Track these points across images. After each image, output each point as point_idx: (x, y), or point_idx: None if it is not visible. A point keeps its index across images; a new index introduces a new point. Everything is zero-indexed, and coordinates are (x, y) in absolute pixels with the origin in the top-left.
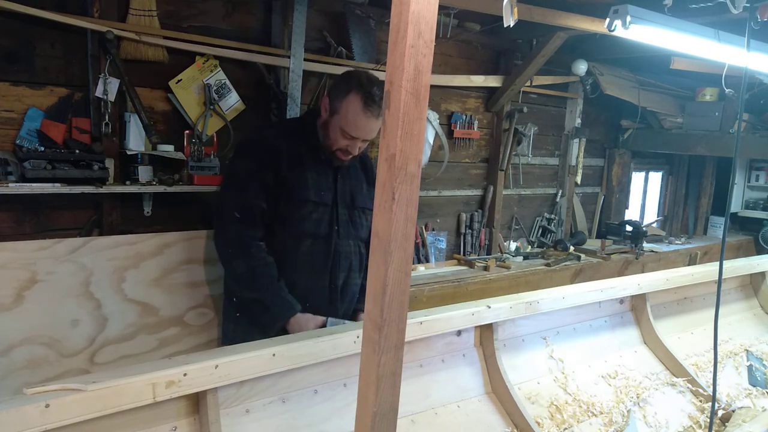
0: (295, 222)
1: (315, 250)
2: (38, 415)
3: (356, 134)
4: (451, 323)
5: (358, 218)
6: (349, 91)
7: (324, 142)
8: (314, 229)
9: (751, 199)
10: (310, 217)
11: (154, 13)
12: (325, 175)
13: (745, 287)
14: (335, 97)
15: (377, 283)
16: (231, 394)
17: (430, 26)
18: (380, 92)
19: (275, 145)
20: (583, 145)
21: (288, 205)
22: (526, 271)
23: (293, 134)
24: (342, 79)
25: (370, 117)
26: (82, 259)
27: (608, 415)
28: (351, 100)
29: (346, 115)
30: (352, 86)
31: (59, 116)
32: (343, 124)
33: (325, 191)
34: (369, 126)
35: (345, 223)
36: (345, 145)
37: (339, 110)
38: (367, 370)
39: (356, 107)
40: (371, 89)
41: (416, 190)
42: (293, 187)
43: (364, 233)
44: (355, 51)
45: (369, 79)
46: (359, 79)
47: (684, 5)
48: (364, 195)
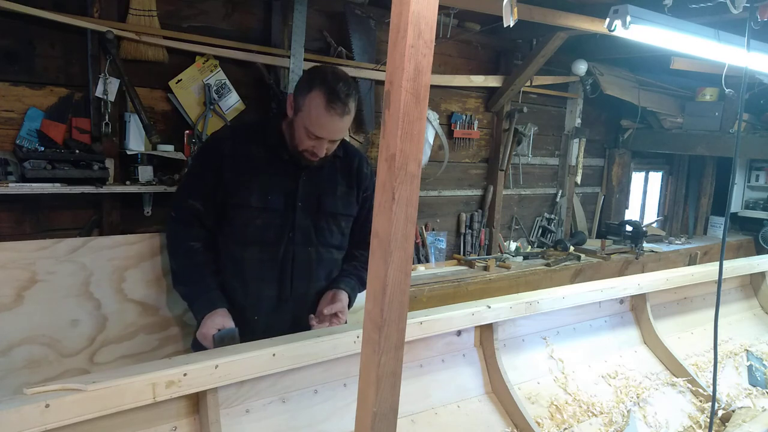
0: (238, 227)
1: (262, 257)
2: (38, 415)
3: (320, 134)
4: (451, 323)
5: (325, 223)
6: (312, 88)
7: (290, 142)
8: (259, 236)
9: (751, 199)
10: (253, 223)
11: (154, 13)
12: (282, 177)
13: (745, 287)
14: (299, 94)
15: (377, 283)
16: (231, 394)
17: (430, 26)
18: (346, 88)
19: (220, 146)
20: (583, 145)
21: (230, 210)
22: (526, 271)
23: (249, 135)
24: (306, 74)
25: (333, 115)
26: (82, 259)
27: (608, 415)
28: (314, 96)
29: (309, 113)
30: (316, 82)
31: (59, 116)
32: (307, 122)
33: (276, 195)
34: (333, 125)
35: (305, 229)
36: (310, 145)
37: (302, 107)
38: (367, 370)
39: (319, 104)
40: (336, 85)
41: (416, 190)
42: (234, 192)
43: (335, 239)
44: (355, 51)
45: (335, 75)
46: (324, 74)
47: (684, 5)
48: (336, 198)
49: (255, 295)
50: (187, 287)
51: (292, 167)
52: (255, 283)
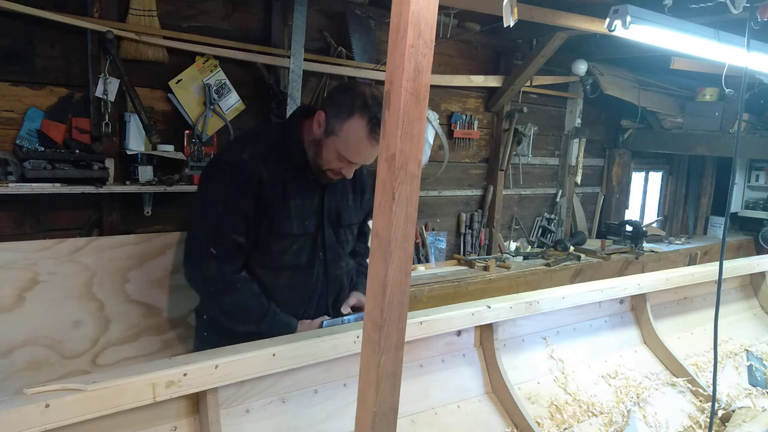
0: (274, 255)
1: (294, 282)
2: (38, 415)
3: (356, 160)
4: (451, 323)
5: (344, 236)
6: (353, 113)
7: (314, 160)
8: (294, 261)
9: (751, 199)
10: (290, 250)
11: (154, 13)
12: (311, 198)
13: (745, 287)
14: (334, 115)
15: (377, 283)
16: (231, 394)
17: (430, 26)
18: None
19: (255, 169)
20: (583, 145)
21: (267, 238)
22: (526, 271)
23: (275, 154)
24: (343, 95)
25: (375, 144)
26: (84, 260)
27: (608, 415)
28: (355, 123)
29: (347, 140)
30: (356, 107)
31: (59, 116)
32: (342, 148)
33: (309, 219)
34: (373, 152)
35: (332, 247)
36: (339, 167)
37: (338, 132)
38: (367, 370)
39: (360, 132)
40: (378, 112)
41: (416, 190)
42: (274, 219)
43: (349, 248)
44: (355, 51)
45: (375, 99)
46: (364, 98)
47: (684, 5)
48: (350, 209)
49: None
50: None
51: (315, 184)
52: (286, 306)
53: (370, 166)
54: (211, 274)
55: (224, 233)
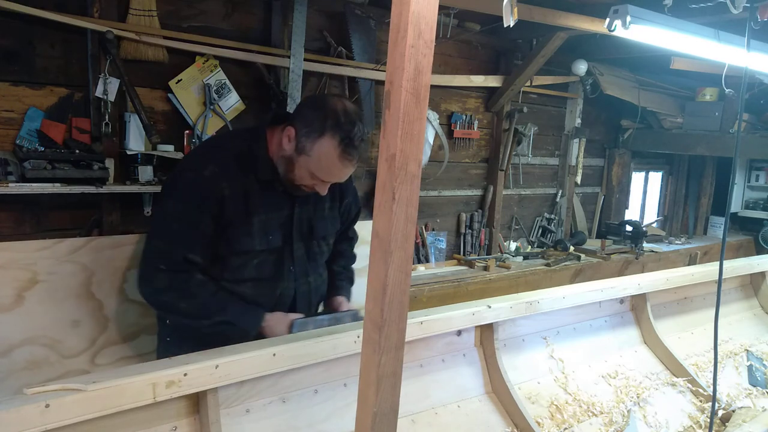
0: (234, 269)
1: (256, 293)
2: (38, 415)
3: (328, 179)
4: (451, 323)
5: (317, 248)
6: (323, 132)
7: (285, 175)
8: (255, 274)
9: (751, 199)
10: (250, 264)
11: (154, 13)
12: (278, 211)
13: (745, 287)
14: (305, 134)
15: (377, 283)
16: (231, 394)
17: (430, 26)
18: (360, 131)
19: (216, 187)
20: (583, 145)
21: (226, 254)
22: (526, 271)
23: (239, 166)
24: (314, 111)
25: (347, 164)
26: (83, 260)
27: (608, 415)
28: (326, 144)
29: (319, 160)
30: (327, 126)
31: (59, 116)
32: (314, 168)
33: (274, 233)
34: (345, 171)
35: (300, 260)
36: (312, 185)
37: (309, 152)
38: (367, 370)
39: (332, 153)
40: (351, 130)
41: (416, 190)
42: (234, 237)
43: (324, 258)
44: (355, 51)
45: (348, 116)
46: (336, 116)
47: (684, 5)
48: (325, 220)
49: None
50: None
51: (285, 197)
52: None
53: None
54: (162, 285)
55: (177, 251)
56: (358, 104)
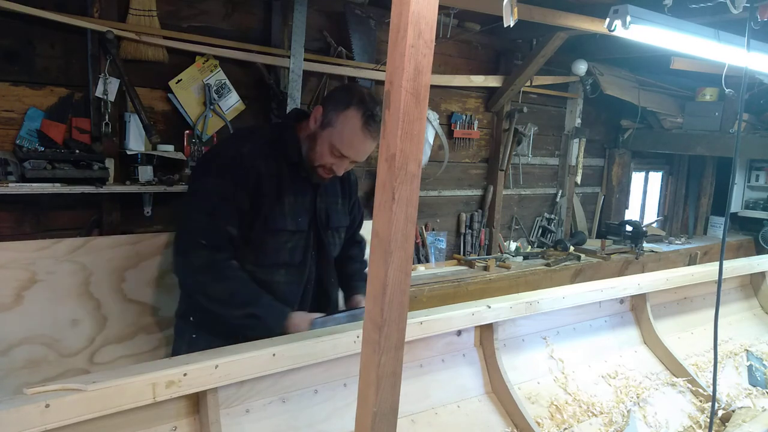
0: (269, 252)
1: (288, 280)
2: (38, 415)
3: (348, 153)
4: (451, 323)
5: (331, 238)
6: (349, 105)
7: (307, 155)
8: (288, 259)
9: (751, 199)
10: (285, 247)
11: (154, 13)
12: (303, 196)
13: (745, 287)
14: (332, 108)
15: (377, 283)
16: (231, 394)
17: (430, 26)
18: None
19: (254, 164)
20: (583, 145)
21: (262, 234)
22: (526, 271)
23: (272, 150)
24: (343, 91)
25: (367, 137)
26: (81, 259)
27: (608, 415)
28: (351, 115)
29: (342, 131)
30: (353, 101)
31: (59, 116)
32: (336, 140)
33: (302, 216)
34: (365, 147)
35: (321, 247)
36: (331, 163)
37: (334, 124)
38: (367, 370)
39: (355, 124)
40: (374, 108)
41: (416, 190)
42: (269, 215)
43: (335, 251)
44: (355, 51)
45: (372, 98)
46: (362, 94)
47: (684, 5)
48: (339, 212)
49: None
50: (253, 308)
51: (308, 184)
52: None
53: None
54: (200, 263)
55: (217, 224)
56: None
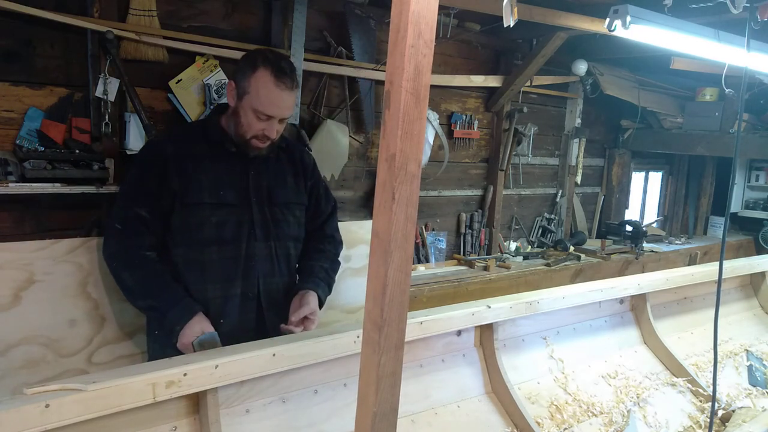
0: (193, 229)
1: (222, 257)
2: (38, 415)
3: (271, 111)
4: (451, 323)
5: (281, 215)
6: (256, 68)
7: (237, 132)
8: (217, 235)
9: (751, 199)
10: (208, 221)
11: (154, 13)
12: (232, 172)
13: (745, 287)
14: (241, 77)
15: (377, 283)
16: (231, 394)
17: (430, 26)
18: (289, 65)
19: (161, 149)
20: (583, 145)
21: (182, 212)
22: (526, 271)
23: (189, 135)
24: (245, 59)
25: (283, 89)
26: (79, 259)
27: (608, 415)
28: (260, 75)
29: (258, 93)
30: (258, 62)
31: (59, 116)
32: (255, 103)
33: (226, 190)
34: (283, 100)
35: (263, 223)
36: (261, 128)
37: (248, 89)
38: (367, 370)
39: (267, 81)
40: (279, 62)
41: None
42: (183, 192)
43: (292, 230)
44: (355, 51)
45: (274, 54)
46: (263, 54)
47: (684, 5)
48: (288, 189)
49: (220, 296)
50: (154, 299)
51: (239, 162)
52: (218, 284)
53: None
54: (115, 249)
55: (129, 208)
56: (358, 104)
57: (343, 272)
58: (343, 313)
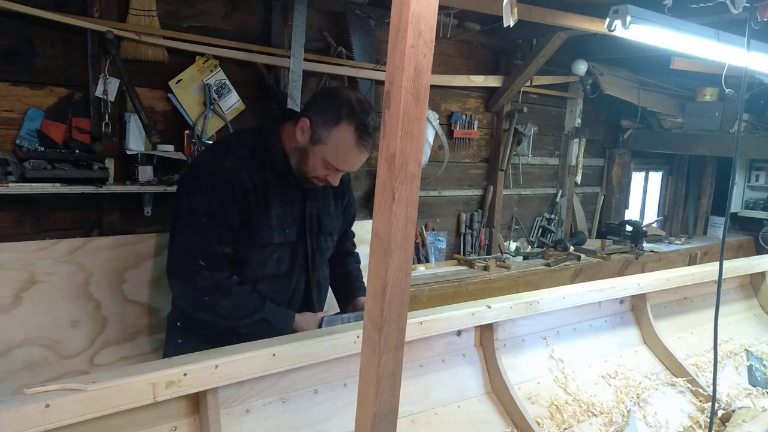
0: (254, 266)
1: (274, 290)
2: (38, 415)
3: (343, 168)
4: (451, 323)
5: (324, 243)
6: (339, 120)
7: (298, 167)
8: (275, 270)
9: (751, 199)
10: (270, 259)
11: (154, 13)
12: (292, 205)
13: (745, 287)
14: (320, 123)
15: (377, 283)
16: (231, 394)
17: (430, 26)
18: (373, 120)
19: (239, 178)
20: (583, 145)
21: (247, 249)
22: (526, 271)
23: (255, 160)
24: (328, 101)
25: (363, 151)
26: (81, 260)
27: (608, 415)
28: (342, 131)
29: (335, 148)
30: (343, 114)
31: (59, 116)
32: (330, 156)
33: (290, 227)
34: (360, 160)
35: (311, 255)
36: (325, 175)
37: (326, 141)
38: (367, 370)
39: (348, 140)
40: (365, 119)
41: (416, 190)
42: (255, 229)
43: (327, 255)
44: (355, 51)
45: (361, 105)
46: (350, 104)
47: (684, 5)
48: (331, 216)
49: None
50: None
51: (297, 191)
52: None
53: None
54: (204, 285)
55: (212, 245)
56: None
57: None
58: None
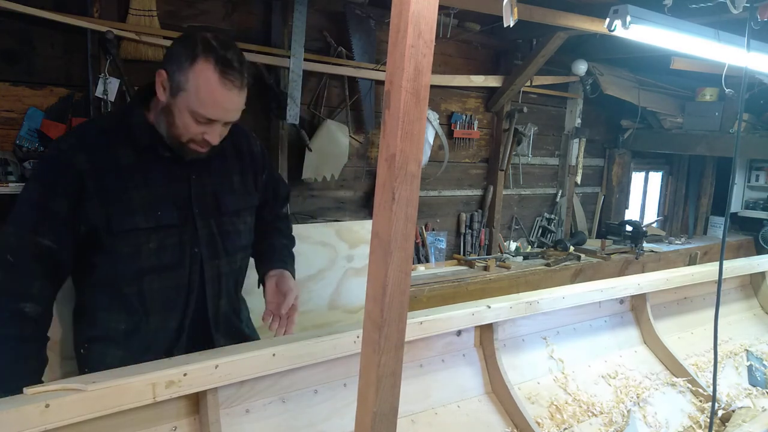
0: (126, 259)
1: (163, 285)
2: (38, 415)
3: (214, 115)
4: (451, 323)
5: (231, 226)
6: (196, 58)
7: (169, 132)
8: (156, 262)
9: (751, 199)
10: (145, 249)
11: (154, 13)
12: (170, 183)
13: (745, 287)
14: (176, 69)
15: (377, 283)
16: (231, 394)
17: (430, 26)
18: (238, 56)
19: (72, 161)
20: (583, 145)
21: (110, 240)
22: (526, 271)
23: (108, 138)
24: (180, 44)
25: (231, 89)
26: None
27: (608, 415)
28: (201, 69)
29: (198, 91)
30: (199, 51)
31: (59, 116)
32: (195, 103)
33: (165, 207)
34: (230, 102)
35: (209, 240)
36: (200, 132)
37: (185, 86)
38: (367, 370)
39: (210, 78)
40: (226, 52)
41: (416, 190)
42: (108, 217)
43: (242, 240)
44: (355, 51)
45: (219, 40)
46: (206, 41)
47: (684, 5)
48: (236, 194)
49: (161, 328)
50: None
51: (176, 167)
52: (160, 314)
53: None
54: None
55: (24, 235)
56: (358, 104)
57: (345, 272)
58: (345, 313)
